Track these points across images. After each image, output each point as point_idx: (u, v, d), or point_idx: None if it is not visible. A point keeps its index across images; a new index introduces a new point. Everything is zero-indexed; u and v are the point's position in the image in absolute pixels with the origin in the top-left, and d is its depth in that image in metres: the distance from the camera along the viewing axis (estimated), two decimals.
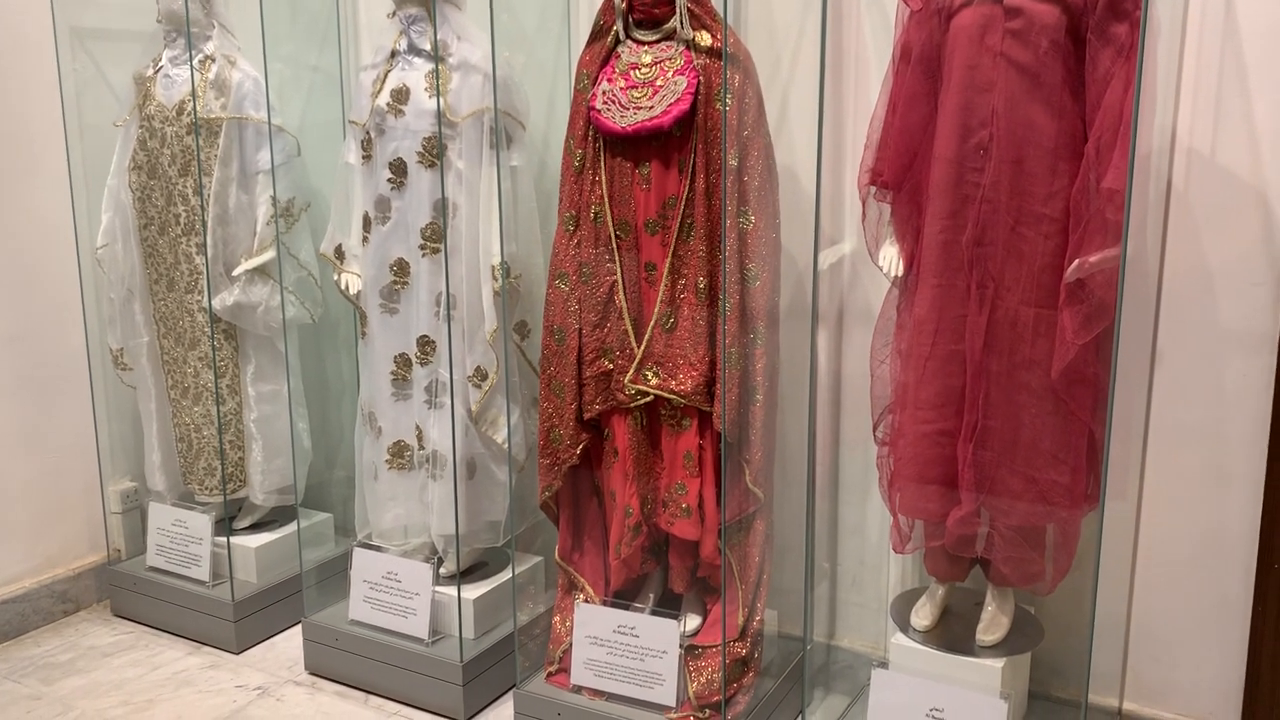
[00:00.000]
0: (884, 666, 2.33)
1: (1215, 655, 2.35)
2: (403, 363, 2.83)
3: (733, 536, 2.46)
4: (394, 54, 2.74)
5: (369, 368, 2.89)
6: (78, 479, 3.44)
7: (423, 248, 2.73)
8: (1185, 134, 2.22)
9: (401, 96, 2.70)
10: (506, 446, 2.78)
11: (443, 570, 2.89)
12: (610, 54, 2.44)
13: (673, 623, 2.48)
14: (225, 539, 3.20)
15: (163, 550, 3.29)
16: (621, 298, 2.45)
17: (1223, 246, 2.21)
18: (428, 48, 2.69)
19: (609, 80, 2.41)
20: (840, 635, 2.81)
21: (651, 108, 2.34)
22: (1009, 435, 2.14)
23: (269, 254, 3.07)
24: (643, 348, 2.44)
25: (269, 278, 3.10)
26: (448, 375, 2.74)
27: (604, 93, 2.40)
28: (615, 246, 2.44)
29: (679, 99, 2.32)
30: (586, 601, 2.59)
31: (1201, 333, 2.26)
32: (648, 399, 2.45)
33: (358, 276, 2.87)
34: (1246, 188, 2.18)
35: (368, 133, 2.75)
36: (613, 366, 2.49)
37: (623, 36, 2.42)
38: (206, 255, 3.05)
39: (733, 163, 2.30)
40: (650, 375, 2.43)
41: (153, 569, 3.31)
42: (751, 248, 2.34)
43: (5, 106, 3.18)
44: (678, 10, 2.34)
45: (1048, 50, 2.01)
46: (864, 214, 2.31)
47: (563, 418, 2.54)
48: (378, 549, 2.92)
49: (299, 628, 3.06)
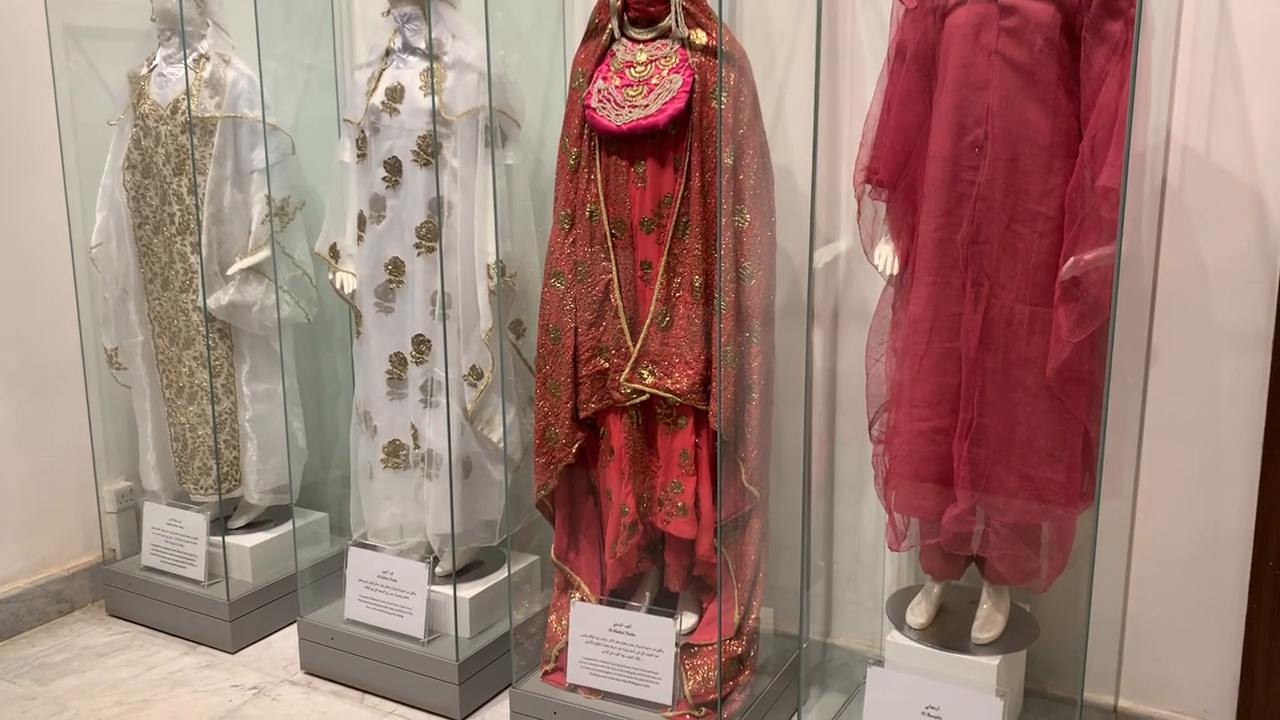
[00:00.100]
0: (880, 664, 2.33)
1: (1210, 653, 2.35)
2: (398, 362, 2.82)
3: (728, 535, 2.46)
4: (389, 52, 2.74)
5: (364, 367, 2.89)
6: (72, 479, 3.43)
7: (418, 246, 2.73)
8: (1180, 132, 2.22)
9: (396, 95, 2.69)
10: (502, 445, 2.78)
11: (438, 569, 2.89)
12: (605, 52, 2.44)
13: (669, 621, 2.48)
14: (220, 538, 3.20)
15: (158, 550, 3.29)
16: (617, 296, 2.45)
17: (1217, 244, 2.22)
18: (423, 46, 2.69)
19: (604, 78, 2.41)
20: (836, 633, 2.81)
21: (647, 106, 2.34)
22: (1004, 433, 2.15)
23: (264, 253, 3.07)
24: (638, 346, 2.44)
25: (264, 277, 3.09)
26: (443, 374, 2.74)
27: (599, 91, 2.40)
28: (611, 245, 2.44)
29: (674, 97, 2.32)
30: (582, 600, 2.59)
31: (1196, 330, 2.26)
32: (643, 398, 2.45)
33: (353, 275, 2.87)
34: (1241, 186, 2.18)
35: (362, 131, 2.75)
36: (608, 365, 2.49)
37: (618, 35, 2.42)
38: (201, 254, 3.04)
39: (728, 161, 2.30)
40: (646, 374, 2.43)
41: (148, 569, 3.31)
42: (747, 246, 2.34)
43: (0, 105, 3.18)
44: (673, 8, 2.34)
45: (1042, 48, 2.01)
46: (859, 212, 2.31)
47: (558, 416, 2.54)
48: (373, 548, 2.91)
49: (294, 627, 3.06)
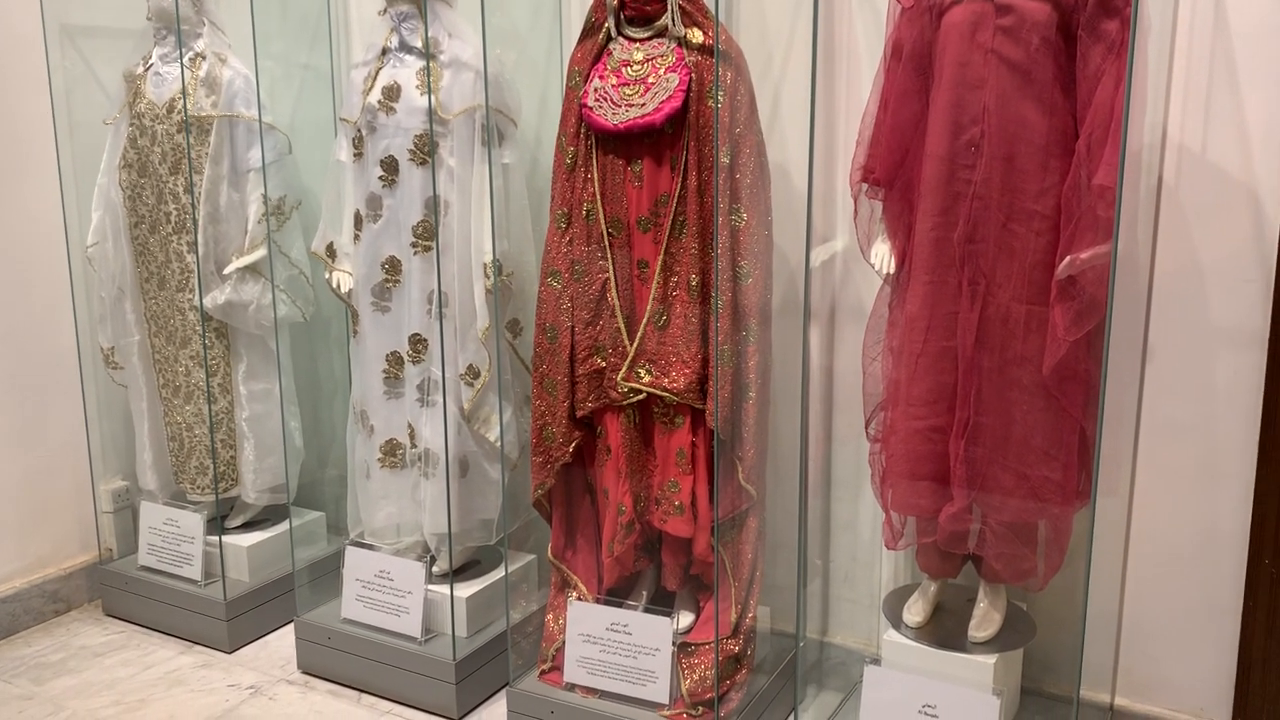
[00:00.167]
0: (876, 663, 2.33)
1: (1206, 650, 2.35)
2: (395, 361, 2.82)
3: (725, 534, 2.46)
4: (385, 51, 2.74)
5: (361, 366, 2.89)
6: (69, 478, 3.43)
7: (414, 245, 2.73)
8: (1176, 131, 2.22)
9: (393, 94, 2.69)
10: (499, 444, 2.78)
11: (435, 569, 2.89)
12: (602, 51, 2.44)
13: (666, 620, 2.48)
14: (217, 538, 3.19)
15: (154, 549, 3.28)
16: (614, 295, 2.45)
17: (1213, 243, 2.22)
18: (419, 45, 2.69)
19: (601, 77, 2.41)
20: (833, 632, 2.81)
21: (643, 105, 2.34)
22: (1001, 431, 2.15)
23: (260, 252, 3.06)
24: (635, 345, 2.44)
25: (260, 276, 3.09)
26: (440, 373, 2.74)
27: (596, 90, 2.40)
28: (607, 244, 2.44)
29: (671, 96, 2.32)
30: (579, 599, 2.59)
31: (1192, 329, 2.26)
32: (640, 396, 2.45)
33: (349, 274, 2.87)
34: (1237, 184, 2.18)
35: (359, 130, 2.75)
36: (605, 364, 2.49)
37: (614, 33, 2.42)
38: (198, 253, 3.04)
39: (725, 160, 2.30)
40: (643, 373, 2.43)
41: (144, 568, 3.30)
42: (744, 245, 2.34)
43: None
44: (669, 7, 2.34)
45: (1039, 47, 2.01)
46: (856, 211, 2.31)
47: (555, 415, 2.54)
48: (370, 547, 2.91)
49: (291, 626, 3.06)
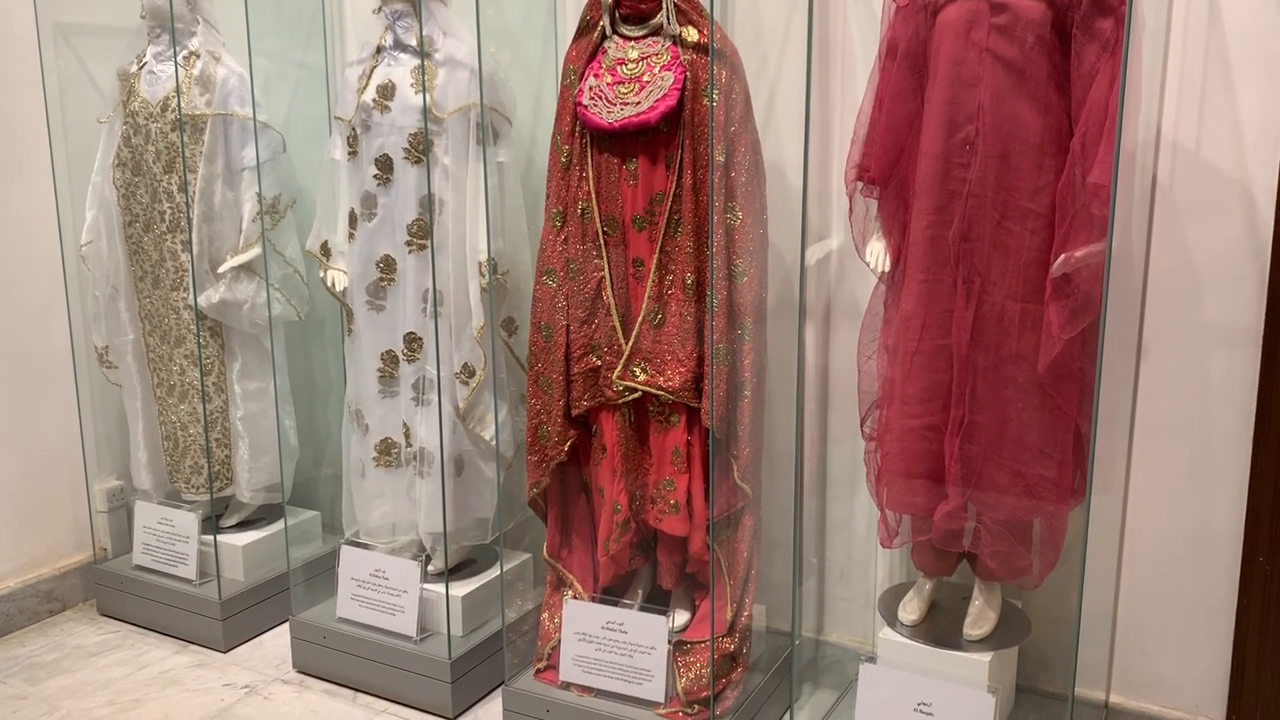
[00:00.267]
0: (872, 661, 2.33)
1: (1201, 648, 2.36)
2: (390, 360, 2.82)
3: (721, 532, 2.46)
4: (380, 50, 2.74)
5: (356, 365, 2.88)
6: (63, 478, 3.42)
7: (409, 244, 2.72)
8: (1170, 129, 2.23)
9: (387, 92, 2.69)
10: (494, 443, 2.78)
11: (431, 568, 2.89)
12: (597, 49, 2.44)
13: (661, 619, 2.48)
14: (212, 537, 3.19)
15: (149, 549, 3.28)
16: (609, 294, 2.45)
17: (1207, 241, 2.22)
18: (413, 43, 2.68)
19: (595, 76, 2.41)
20: (828, 630, 2.82)
21: (638, 103, 2.34)
22: (996, 430, 2.15)
23: (255, 251, 3.06)
24: (630, 344, 2.44)
25: (255, 274, 3.08)
26: (435, 372, 2.74)
27: (591, 88, 2.40)
28: (603, 242, 2.44)
29: (666, 95, 2.32)
30: (575, 598, 2.59)
31: (1186, 327, 2.27)
32: (636, 395, 2.44)
33: (344, 273, 2.86)
34: (1231, 183, 2.19)
35: (353, 129, 2.74)
36: (600, 363, 2.49)
37: (609, 32, 2.42)
38: (192, 252, 3.03)
39: (720, 158, 2.30)
40: (638, 371, 2.43)
41: (139, 568, 3.30)
42: (739, 243, 2.34)
43: None
44: (664, 6, 2.34)
45: (1033, 45, 2.02)
46: (851, 209, 2.31)
47: (550, 414, 2.53)
48: (365, 547, 2.91)
49: (286, 626, 3.05)
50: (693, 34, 2.34)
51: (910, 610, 2.41)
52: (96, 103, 3.26)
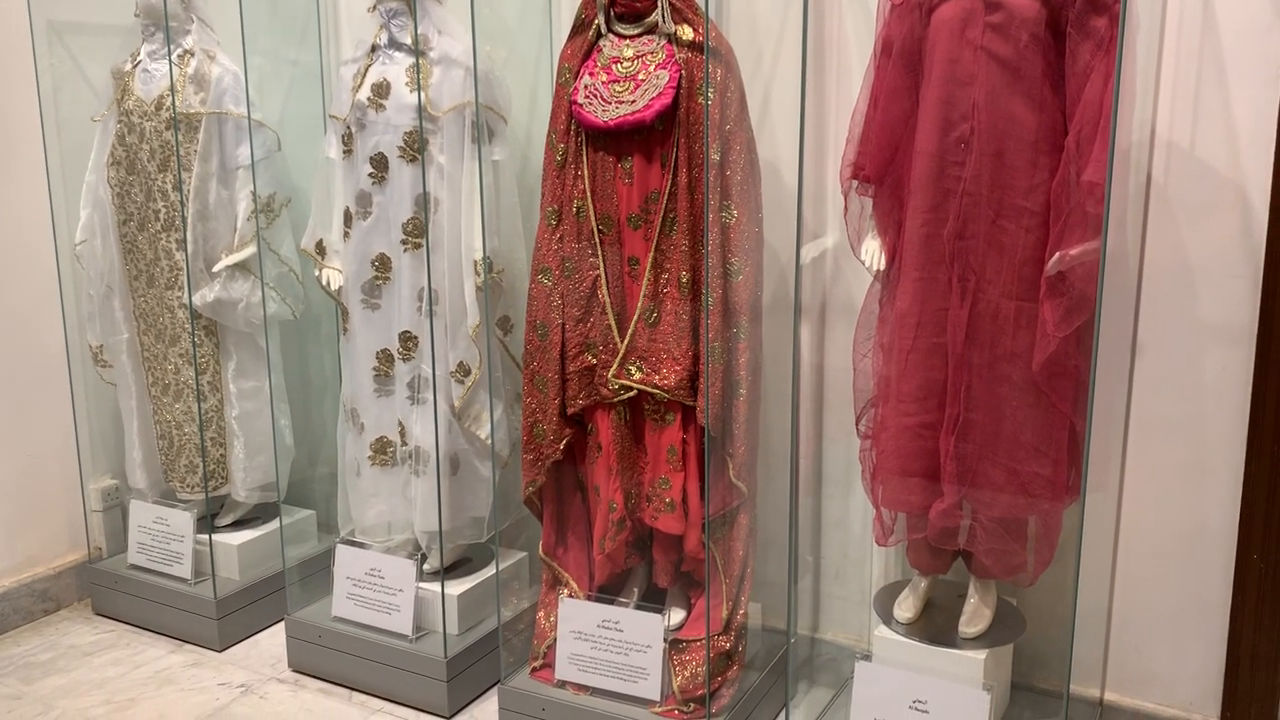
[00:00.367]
0: (867, 659, 2.33)
1: (1196, 645, 2.36)
2: (385, 358, 2.82)
3: (716, 531, 2.46)
4: (374, 48, 2.73)
5: (351, 364, 2.88)
6: (58, 477, 3.42)
7: (404, 243, 2.72)
8: (1165, 128, 2.23)
9: (382, 91, 2.68)
10: (490, 442, 2.77)
11: (426, 566, 2.89)
12: (592, 48, 2.43)
13: (657, 617, 2.48)
14: (207, 536, 3.18)
15: (144, 548, 3.27)
16: (604, 292, 2.45)
17: (1202, 239, 2.23)
18: (408, 42, 2.68)
19: (590, 74, 2.40)
20: (824, 628, 2.82)
21: (633, 102, 2.34)
22: (991, 428, 2.15)
23: (250, 250, 3.05)
24: (626, 342, 2.44)
25: (250, 273, 3.08)
26: (430, 371, 2.73)
27: (586, 87, 2.40)
28: (598, 241, 2.44)
29: (661, 93, 2.32)
30: (571, 596, 2.59)
31: (1181, 325, 2.27)
32: (631, 394, 2.44)
33: (339, 272, 2.86)
34: (1225, 181, 2.19)
35: (348, 127, 2.74)
36: (596, 361, 2.48)
37: (604, 30, 2.42)
38: (186, 251, 3.03)
39: (715, 157, 2.30)
40: (634, 370, 2.43)
41: (134, 567, 3.29)
42: (734, 242, 2.34)
43: None
44: (659, 4, 2.34)
45: (1028, 44, 2.02)
46: (846, 208, 2.31)
47: (546, 413, 2.53)
48: (361, 545, 2.91)
49: (282, 625, 3.05)
50: (688, 32, 2.33)
51: (905, 608, 2.41)
52: (90, 101, 3.25)
